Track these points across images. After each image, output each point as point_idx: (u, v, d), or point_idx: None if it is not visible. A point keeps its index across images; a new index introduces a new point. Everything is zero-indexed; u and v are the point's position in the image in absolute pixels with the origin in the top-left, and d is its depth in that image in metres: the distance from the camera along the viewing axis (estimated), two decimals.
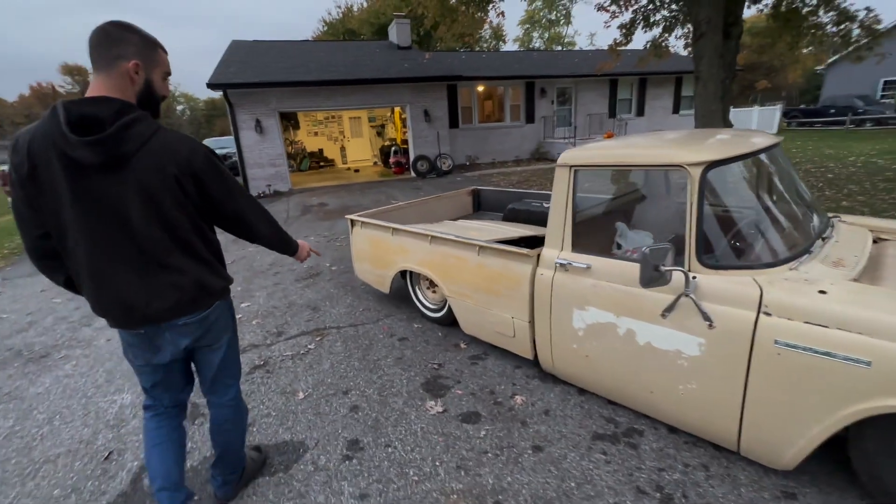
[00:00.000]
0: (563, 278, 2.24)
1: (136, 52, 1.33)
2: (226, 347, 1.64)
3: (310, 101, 11.41)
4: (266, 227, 1.64)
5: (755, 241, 1.85)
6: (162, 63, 1.42)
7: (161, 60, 1.41)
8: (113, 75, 1.31)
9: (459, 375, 2.66)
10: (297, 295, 4.19)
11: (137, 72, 1.34)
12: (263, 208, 1.62)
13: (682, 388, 1.88)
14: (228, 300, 1.64)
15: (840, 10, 7.95)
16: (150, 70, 1.38)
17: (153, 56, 1.38)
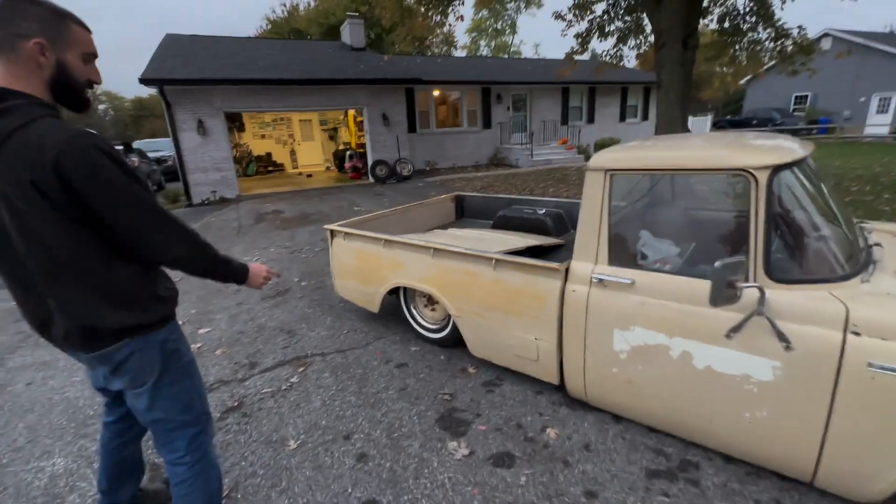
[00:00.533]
0: (602, 295, 2.00)
1: (40, 29, 1.07)
2: (149, 395, 1.29)
3: (260, 101, 10.61)
4: (182, 247, 1.23)
5: (824, 252, 1.71)
6: (79, 41, 1.14)
7: (77, 38, 1.14)
8: (14, 59, 1.06)
9: (477, 407, 2.34)
10: (265, 316, 3.68)
11: (44, 53, 1.08)
12: (178, 222, 1.22)
13: (750, 415, 1.70)
14: (157, 337, 1.27)
15: (777, 27, 8.56)
16: (62, 50, 1.11)
17: (64, 32, 1.11)
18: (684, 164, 1.82)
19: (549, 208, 3.83)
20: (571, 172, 12.24)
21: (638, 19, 9.85)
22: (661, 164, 1.89)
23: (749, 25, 9.07)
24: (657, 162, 1.90)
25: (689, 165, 1.81)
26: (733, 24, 9.11)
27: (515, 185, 10.16)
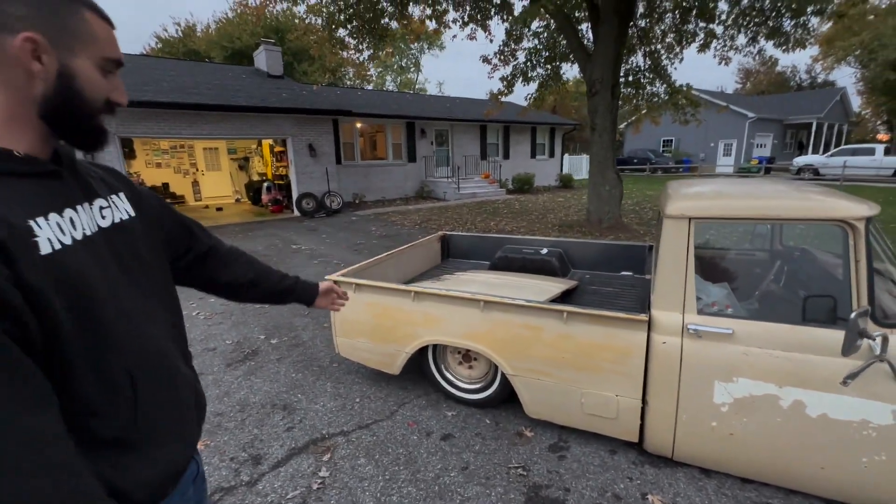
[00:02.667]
0: (697, 347, 1.94)
1: (34, 17, 0.65)
2: None
3: (165, 126, 9.31)
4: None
5: None
6: (96, 38, 0.72)
7: (94, 33, 0.72)
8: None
9: (559, 479, 2.09)
10: (243, 389, 3.00)
11: (39, 55, 0.65)
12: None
13: (867, 460, 1.72)
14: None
15: (670, 83, 10.01)
16: (69, 52, 0.69)
17: (73, 24, 0.69)
18: (775, 213, 1.87)
19: (548, 248, 3.80)
20: (500, 205, 12.73)
21: (556, 68, 10.80)
22: (751, 212, 1.92)
23: (648, 80, 10.49)
24: (746, 211, 1.92)
25: (783, 215, 1.86)
26: (636, 79, 10.46)
27: (454, 219, 10.20)
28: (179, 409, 0.86)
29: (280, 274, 1.23)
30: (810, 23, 8.14)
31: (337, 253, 7.10)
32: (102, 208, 0.78)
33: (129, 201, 0.86)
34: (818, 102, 26.31)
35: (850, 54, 28.52)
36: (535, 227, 8.85)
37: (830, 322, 1.79)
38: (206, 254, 1.09)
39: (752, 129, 25.13)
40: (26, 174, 0.67)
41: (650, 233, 7.80)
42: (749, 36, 8.81)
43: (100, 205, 0.78)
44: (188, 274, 1.07)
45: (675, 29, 9.72)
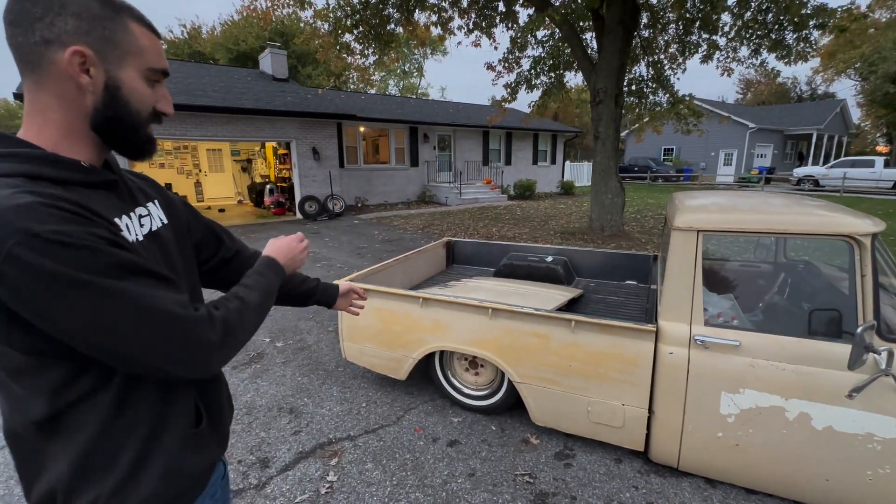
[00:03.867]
0: (704, 358, 1.96)
1: (81, 30, 0.67)
2: None
3: (172, 127, 9.36)
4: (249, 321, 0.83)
5: None
6: (142, 49, 0.73)
7: (140, 44, 0.73)
8: (41, 82, 0.67)
9: (566, 487, 2.11)
10: (249, 392, 3.02)
11: (87, 68, 0.68)
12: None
13: (872, 472, 1.75)
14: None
15: (673, 93, 10.09)
16: (117, 63, 0.71)
17: (119, 35, 0.70)
18: (787, 228, 1.90)
19: (553, 255, 3.83)
20: (501, 211, 12.78)
21: (560, 76, 10.89)
22: (758, 226, 1.95)
23: (651, 90, 10.58)
24: (754, 225, 1.96)
25: (790, 230, 1.89)
26: (639, 89, 10.55)
27: (456, 225, 10.23)
28: (220, 404, 0.91)
29: (301, 276, 1.25)
30: (812, 36, 8.23)
31: (340, 256, 7.13)
32: (142, 216, 0.81)
33: (162, 209, 0.89)
34: (818, 114, 26.48)
35: (851, 67, 28.77)
36: (538, 234, 8.89)
37: (836, 335, 1.82)
38: (232, 258, 1.11)
39: (753, 139, 25.27)
40: (91, 184, 0.70)
41: (652, 241, 7.84)
42: (752, 48, 8.89)
43: (139, 213, 0.81)
44: (213, 276, 1.10)
45: (678, 40, 9.81)
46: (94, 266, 0.60)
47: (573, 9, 8.60)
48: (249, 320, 0.80)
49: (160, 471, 0.75)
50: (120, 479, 0.71)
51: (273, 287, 0.93)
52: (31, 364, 0.65)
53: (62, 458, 0.68)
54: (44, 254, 0.57)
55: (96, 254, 0.61)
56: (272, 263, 0.97)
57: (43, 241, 0.57)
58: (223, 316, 0.73)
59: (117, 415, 0.70)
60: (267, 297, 0.88)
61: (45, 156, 0.67)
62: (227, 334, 0.73)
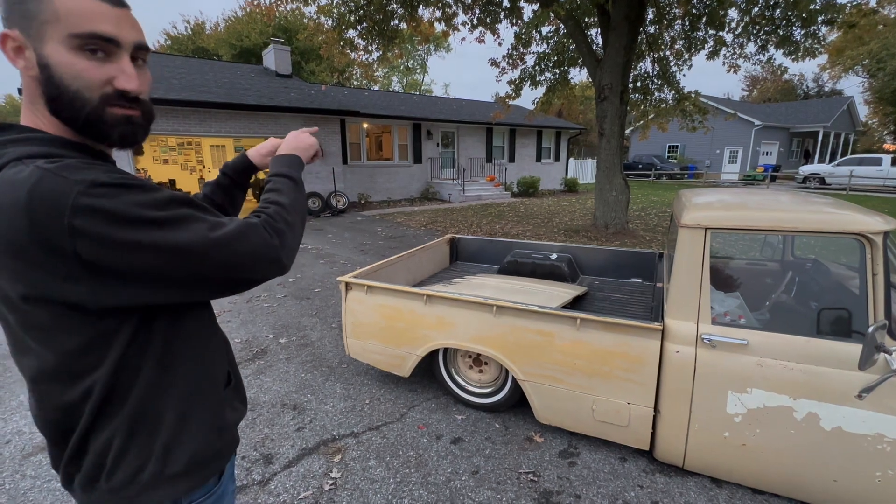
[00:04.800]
0: (711, 357, 1.94)
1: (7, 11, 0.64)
2: None
3: (175, 123, 9.37)
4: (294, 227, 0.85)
5: None
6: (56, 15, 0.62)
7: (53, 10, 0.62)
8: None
9: (570, 485, 2.10)
10: (251, 387, 3.02)
11: (22, 51, 0.64)
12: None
13: (881, 474, 1.73)
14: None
15: (678, 90, 10.01)
16: (38, 39, 0.63)
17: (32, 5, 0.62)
18: (796, 226, 1.87)
19: (558, 253, 3.81)
20: (505, 208, 12.74)
21: (565, 73, 10.82)
22: (768, 224, 1.93)
23: (656, 87, 10.50)
24: (763, 223, 1.93)
25: (801, 228, 1.86)
26: (644, 85, 10.47)
27: (460, 221, 10.21)
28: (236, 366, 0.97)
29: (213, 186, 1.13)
30: (820, 32, 8.14)
31: (343, 253, 7.13)
32: None
33: None
34: (825, 111, 26.25)
35: (859, 63, 28.48)
36: (541, 232, 8.86)
37: (845, 335, 1.80)
38: None
39: (759, 137, 25.08)
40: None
41: (656, 239, 7.80)
42: (759, 44, 8.80)
43: None
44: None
45: (684, 36, 9.72)
46: (159, 200, 0.64)
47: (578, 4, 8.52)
48: (291, 218, 0.82)
49: (208, 426, 0.80)
50: (169, 434, 0.74)
51: (299, 183, 0.93)
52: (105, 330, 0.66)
53: (114, 422, 0.70)
54: (112, 196, 0.59)
55: (154, 190, 0.64)
56: (290, 159, 0.97)
57: (105, 186, 0.59)
58: (267, 221, 0.76)
59: (160, 374, 0.73)
60: (297, 193, 0.89)
61: (57, 138, 0.67)
62: (280, 234, 0.76)
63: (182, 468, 0.76)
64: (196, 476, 0.79)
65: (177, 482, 0.76)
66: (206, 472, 0.81)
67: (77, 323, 0.64)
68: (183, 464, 0.76)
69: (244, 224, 0.71)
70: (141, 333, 0.70)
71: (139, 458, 0.72)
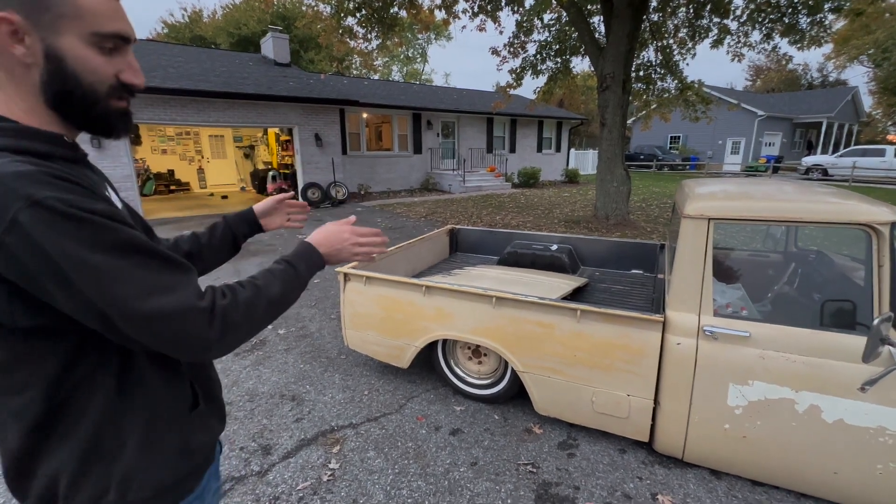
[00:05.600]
0: (713, 349, 1.92)
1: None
2: None
3: (173, 113, 9.28)
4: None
5: None
6: (79, 11, 0.62)
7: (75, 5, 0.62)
8: None
9: (569, 477, 2.09)
10: (252, 379, 3.01)
11: (20, 38, 0.60)
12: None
13: (882, 467, 1.71)
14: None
15: (681, 79, 9.89)
16: (51, 30, 0.61)
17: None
18: (802, 216, 1.84)
19: (558, 244, 3.78)
20: (505, 199, 12.68)
21: (566, 61, 10.69)
22: (772, 215, 1.89)
23: (659, 76, 10.38)
24: (767, 213, 1.90)
25: (805, 218, 1.83)
26: (647, 74, 10.34)
27: (460, 212, 10.16)
28: (211, 380, 0.89)
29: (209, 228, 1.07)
30: (827, 20, 8.01)
31: None
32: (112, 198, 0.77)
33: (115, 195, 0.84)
34: (829, 102, 25.98)
35: (864, 53, 28.14)
36: (542, 223, 8.81)
37: (849, 327, 1.77)
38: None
39: (762, 128, 24.87)
40: (72, 159, 0.67)
41: (657, 230, 7.76)
42: (764, 32, 8.67)
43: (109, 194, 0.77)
44: None
45: (688, 24, 9.58)
46: (101, 241, 0.58)
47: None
48: (260, 313, 0.74)
49: (172, 452, 0.75)
50: (130, 462, 0.69)
51: (302, 280, 0.85)
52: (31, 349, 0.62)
53: (65, 447, 0.66)
54: (50, 225, 0.55)
55: (103, 229, 0.59)
56: (309, 253, 0.89)
57: (48, 210, 0.55)
58: (226, 308, 0.68)
59: (118, 399, 0.68)
60: (291, 290, 0.82)
61: (25, 129, 0.63)
62: (226, 330, 0.67)
63: (146, 496, 0.71)
64: (163, 501, 0.75)
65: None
66: (174, 495, 0.76)
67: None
68: (147, 492, 0.71)
69: (188, 306, 0.63)
70: (88, 354, 0.65)
71: (97, 486, 0.67)
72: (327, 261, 0.93)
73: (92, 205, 0.59)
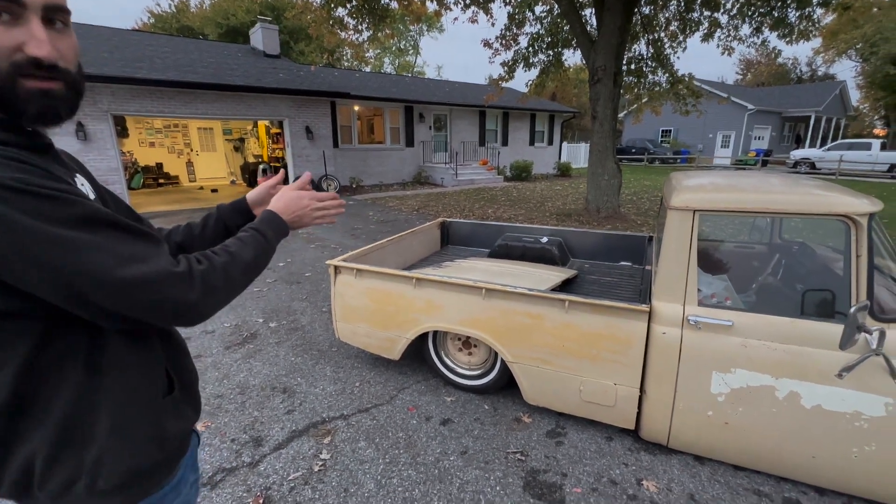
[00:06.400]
0: (697, 338, 1.96)
1: None
2: None
3: (161, 105, 9.14)
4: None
5: None
6: None
7: None
8: None
9: (557, 464, 2.13)
10: (243, 371, 3.01)
11: None
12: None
13: (857, 450, 1.77)
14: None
15: (672, 73, 9.93)
16: None
17: None
18: (783, 208, 1.88)
19: (548, 236, 3.80)
20: (497, 192, 12.69)
21: (558, 54, 10.68)
22: (755, 206, 1.93)
23: (650, 69, 10.40)
24: (750, 205, 1.93)
25: (788, 210, 1.87)
26: (638, 68, 10.37)
27: (452, 206, 10.16)
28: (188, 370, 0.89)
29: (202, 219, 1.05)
30: (815, 14, 8.08)
31: (334, 237, 7.08)
32: (82, 185, 0.76)
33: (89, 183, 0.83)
34: (818, 96, 26.25)
35: (852, 47, 28.40)
36: (533, 216, 8.85)
37: (828, 316, 1.82)
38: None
39: (751, 121, 25.09)
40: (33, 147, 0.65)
41: (647, 223, 7.83)
42: (753, 26, 8.72)
43: (79, 181, 0.75)
44: None
45: (679, 17, 9.60)
46: (64, 216, 0.57)
47: None
48: (237, 277, 0.77)
49: (145, 437, 0.74)
50: (102, 446, 0.69)
51: (270, 245, 0.88)
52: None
53: (37, 431, 0.66)
54: (10, 203, 0.54)
55: (65, 204, 0.58)
56: (273, 219, 0.91)
57: (8, 189, 0.54)
58: (204, 271, 0.70)
59: (89, 381, 0.68)
60: (262, 254, 0.85)
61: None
62: (206, 292, 0.69)
63: (117, 483, 0.71)
64: (136, 489, 0.75)
65: (112, 497, 0.72)
66: (147, 484, 0.76)
67: None
68: (118, 479, 0.71)
69: (165, 271, 0.64)
70: (59, 336, 0.65)
71: (69, 470, 0.67)
72: (291, 227, 0.95)
73: (51, 184, 0.58)
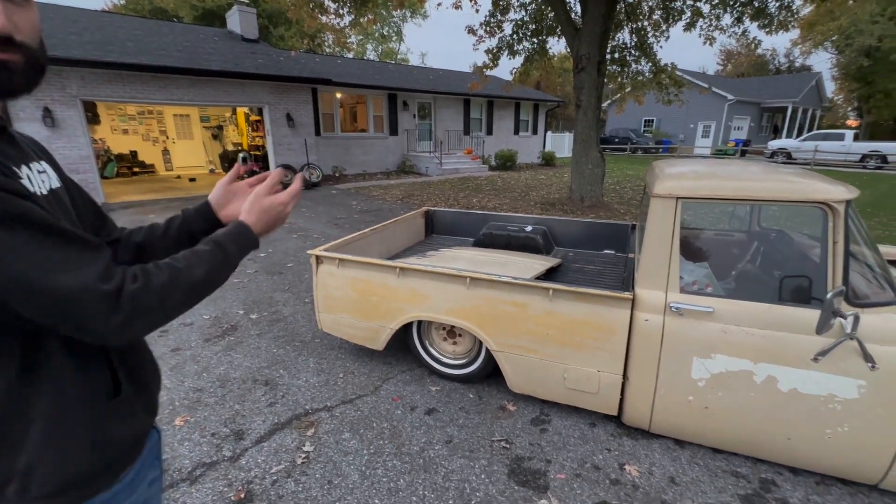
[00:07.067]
0: (678, 324, 1.98)
1: None
2: None
3: (132, 90, 8.79)
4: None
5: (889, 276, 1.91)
6: None
7: None
8: None
9: (541, 451, 2.15)
10: (223, 364, 2.95)
11: None
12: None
13: (831, 431, 1.82)
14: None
15: (655, 62, 9.98)
16: None
17: None
18: (759, 195, 1.89)
19: (533, 225, 3.80)
20: (482, 182, 12.66)
21: (543, 42, 10.61)
22: (736, 194, 1.94)
23: (634, 58, 10.43)
24: (732, 192, 1.94)
25: (766, 197, 1.88)
26: (621, 57, 10.38)
27: (437, 195, 10.10)
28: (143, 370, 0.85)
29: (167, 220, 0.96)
30: (794, 5, 8.18)
31: (317, 227, 6.97)
32: (40, 172, 0.71)
33: (55, 171, 0.78)
34: (795, 87, 26.77)
35: (829, 39, 28.96)
36: (518, 205, 8.85)
37: (805, 301, 1.86)
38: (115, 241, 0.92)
39: (731, 112, 25.47)
40: None
41: (630, 212, 7.91)
42: (734, 16, 8.79)
43: (37, 168, 0.71)
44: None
45: (662, 5, 9.62)
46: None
47: None
48: (178, 297, 0.69)
49: (82, 444, 0.69)
50: (33, 453, 0.65)
51: (230, 261, 0.80)
52: None
53: None
54: None
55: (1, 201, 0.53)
56: (241, 233, 0.83)
57: None
58: (136, 291, 0.63)
59: (20, 385, 0.63)
60: (217, 271, 0.77)
61: None
62: (135, 315, 0.62)
63: (53, 490, 0.67)
64: (75, 494, 0.70)
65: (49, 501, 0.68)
66: (88, 490, 0.72)
67: None
68: (52, 486, 0.67)
69: (88, 287, 0.58)
70: None
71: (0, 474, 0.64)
72: (261, 236, 0.88)
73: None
